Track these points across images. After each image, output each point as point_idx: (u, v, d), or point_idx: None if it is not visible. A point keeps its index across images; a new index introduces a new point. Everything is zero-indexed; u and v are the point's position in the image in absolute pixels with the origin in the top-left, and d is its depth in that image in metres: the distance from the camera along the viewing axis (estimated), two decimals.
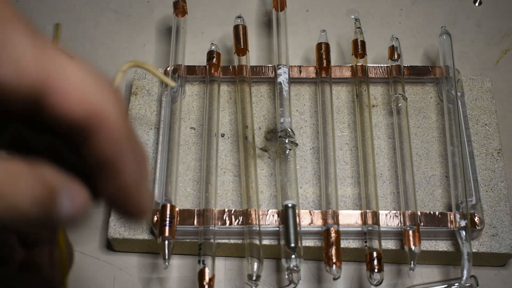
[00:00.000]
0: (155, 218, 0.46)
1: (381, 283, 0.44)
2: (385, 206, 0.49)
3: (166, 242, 0.45)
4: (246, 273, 0.44)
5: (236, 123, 0.53)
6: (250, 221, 0.46)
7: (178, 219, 0.46)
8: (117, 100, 0.25)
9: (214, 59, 0.53)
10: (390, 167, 0.51)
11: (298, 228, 0.45)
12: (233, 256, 0.49)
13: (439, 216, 0.47)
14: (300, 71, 0.54)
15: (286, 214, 0.45)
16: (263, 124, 0.53)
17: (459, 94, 0.52)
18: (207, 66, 0.53)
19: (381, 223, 0.46)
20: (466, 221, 0.46)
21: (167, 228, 0.45)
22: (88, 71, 0.24)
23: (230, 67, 0.54)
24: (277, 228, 0.47)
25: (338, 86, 0.55)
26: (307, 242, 0.47)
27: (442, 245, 0.48)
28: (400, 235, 0.47)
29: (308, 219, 0.47)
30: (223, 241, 0.47)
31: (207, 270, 0.44)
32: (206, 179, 0.48)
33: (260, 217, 0.47)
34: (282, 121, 0.49)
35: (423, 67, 0.54)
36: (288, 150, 0.48)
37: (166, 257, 0.45)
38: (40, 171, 0.23)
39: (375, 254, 0.44)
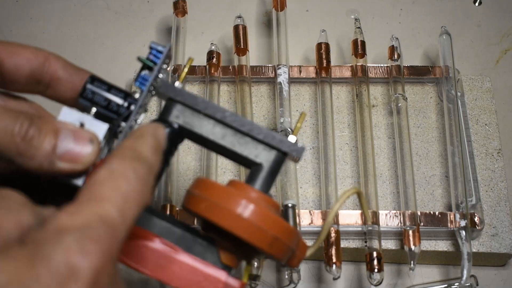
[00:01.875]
0: None
1: (381, 283, 0.44)
2: (385, 206, 0.49)
3: None
4: None
5: None
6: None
7: (178, 219, 0.46)
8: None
9: (214, 59, 0.53)
10: (390, 167, 0.51)
11: (298, 228, 0.45)
12: None
13: (439, 216, 0.47)
14: (300, 71, 0.54)
15: (286, 214, 0.45)
16: (263, 124, 0.53)
17: (459, 94, 0.52)
18: (207, 66, 0.53)
19: (381, 223, 0.46)
20: (466, 221, 0.46)
21: None
22: None
23: (230, 67, 0.54)
24: None
25: (338, 86, 0.55)
26: (307, 242, 0.47)
27: (442, 245, 0.47)
28: (400, 235, 0.47)
29: (308, 219, 0.47)
30: None
31: None
32: None
33: None
34: (282, 121, 0.49)
35: (423, 67, 0.54)
36: None
37: None
38: (26, 113, 0.29)
39: (375, 254, 0.44)
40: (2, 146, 0.28)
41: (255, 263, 0.39)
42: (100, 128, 0.31)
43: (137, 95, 0.32)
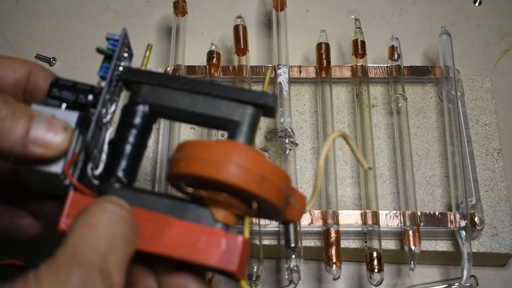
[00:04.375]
0: None
1: (381, 283, 0.44)
2: (385, 206, 0.49)
3: None
4: (246, 273, 0.44)
5: None
6: (250, 221, 0.46)
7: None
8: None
9: (214, 59, 0.53)
10: (390, 167, 0.51)
11: (298, 228, 0.45)
12: None
13: (439, 216, 0.47)
14: (300, 71, 0.54)
15: None
16: (263, 124, 0.53)
17: (459, 94, 0.52)
18: (207, 66, 0.53)
19: (381, 223, 0.46)
20: (466, 221, 0.46)
21: None
22: None
23: (230, 67, 0.54)
24: (277, 228, 0.47)
25: (338, 86, 0.55)
26: (307, 242, 0.47)
27: (442, 245, 0.48)
28: (400, 235, 0.47)
29: (308, 219, 0.47)
30: None
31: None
32: None
33: None
34: (282, 121, 0.49)
35: (423, 67, 0.54)
36: (288, 150, 0.48)
37: None
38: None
39: (375, 254, 0.44)
40: None
41: (253, 219, 0.37)
42: (71, 116, 0.31)
43: (103, 84, 0.33)
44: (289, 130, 0.49)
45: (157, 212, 0.31)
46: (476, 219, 0.47)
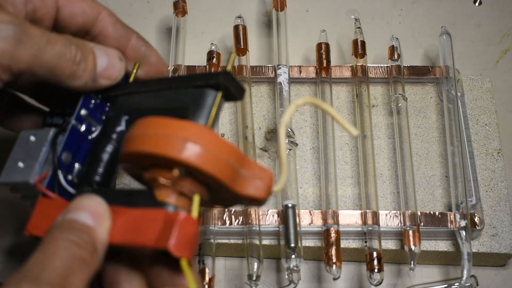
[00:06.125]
0: None
1: (381, 283, 0.44)
2: (385, 206, 0.49)
3: None
4: (246, 273, 0.44)
5: (236, 123, 0.53)
6: (250, 221, 0.46)
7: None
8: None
9: (214, 59, 0.53)
10: (390, 167, 0.51)
11: (298, 228, 0.45)
12: (233, 256, 0.49)
13: (439, 216, 0.47)
14: (300, 71, 0.54)
15: (286, 214, 0.45)
16: (263, 124, 0.53)
17: (459, 94, 0.52)
18: (207, 66, 0.53)
19: (381, 223, 0.46)
20: (466, 221, 0.46)
21: None
22: None
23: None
24: (277, 228, 0.47)
25: (338, 86, 0.55)
26: (307, 242, 0.47)
27: (442, 245, 0.48)
28: (400, 235, 0.47)
29: (308, 219, 0.47)
30: (223, 241, 0.47)
31: (207, 270, 0.44)
32: None
33: (260, 217, 0.47)
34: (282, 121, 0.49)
35: (423, 67, 0.54)
36: (288, 150, 0.48)
37: None
38: (70, 37, 0.32)
39: (375, 254, 0.44)
40: (58, 70, 0.31)
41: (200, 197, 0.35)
42: (47, 132, 0.34)
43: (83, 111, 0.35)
44: (289, 130, 0.49)
45: (114, 205, 0.30)
46: (476, 219, 0.47)
